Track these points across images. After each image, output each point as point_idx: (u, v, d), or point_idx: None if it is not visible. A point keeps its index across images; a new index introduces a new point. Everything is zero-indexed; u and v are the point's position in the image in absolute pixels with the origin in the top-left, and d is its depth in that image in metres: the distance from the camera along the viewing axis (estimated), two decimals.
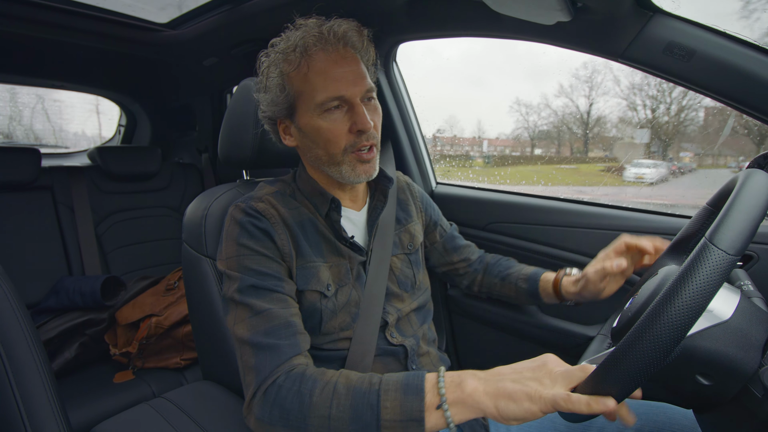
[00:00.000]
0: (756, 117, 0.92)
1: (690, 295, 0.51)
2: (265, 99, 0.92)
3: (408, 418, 0.67)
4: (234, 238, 0.87)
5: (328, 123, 0.86)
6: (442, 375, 0.70)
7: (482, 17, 1.20)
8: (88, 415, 1.47)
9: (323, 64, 0.85)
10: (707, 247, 0.53)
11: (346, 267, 0.95)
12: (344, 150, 0.88)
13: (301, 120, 0.89)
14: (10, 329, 0.87)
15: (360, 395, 0.70)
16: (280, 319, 0.81)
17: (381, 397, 0.69)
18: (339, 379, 0.73)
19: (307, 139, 0.91)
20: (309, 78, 0.86)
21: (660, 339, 0.51)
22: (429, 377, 0.71)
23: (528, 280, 1.15)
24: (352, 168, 0.90)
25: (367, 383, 0.72)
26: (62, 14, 1.55)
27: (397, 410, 0.68)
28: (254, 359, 0.78)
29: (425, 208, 1.20)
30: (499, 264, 1.23)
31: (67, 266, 2.00)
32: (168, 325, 1.69)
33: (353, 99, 0.86)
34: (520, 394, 0.63)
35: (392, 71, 1.66)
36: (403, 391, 0.69)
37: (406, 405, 0.68)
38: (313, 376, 0.74)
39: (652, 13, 0.96)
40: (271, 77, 0.89)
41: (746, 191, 0.60)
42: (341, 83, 0.85)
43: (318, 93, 0.85)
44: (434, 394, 0.68)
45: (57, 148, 3.09)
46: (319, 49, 0.86)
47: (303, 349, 0.81)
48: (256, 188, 0.99)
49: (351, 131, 0.87)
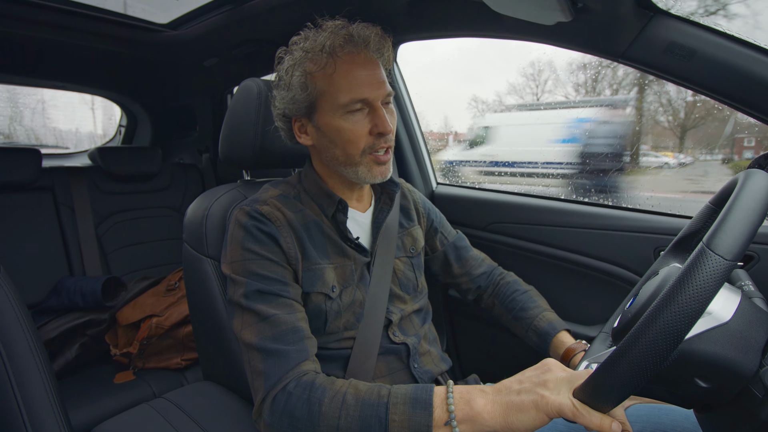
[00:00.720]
0: (757, 117, 0.92)
1: (686, 301, 0.50)
2: (283, 96, 0.92)
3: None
4: (239, 242, 0.87)
5: (349, 124, 0.88)
6: (451, 390, 0.70)
7: (483, 18, 1.20)
8: (89, 415, 1.47)
9: (349, 66, 0.87)
10: (705, 253, 0.52)
11: (350, 268, 0.96)
12: (363, 151, 0.89)
13: (321, 119, 0.90)
14: (11, 329, 0.87)
15: (368, 407, 0.70)
16: (287, 325, 0.81)
17: (389, 410, 0.69)
18: (348, 390, 0.74)
19: (325, 138, 0.91)
20: (334, 79, 0.87)
21: (656, 345, 0.51)
22: (437, 391, 0.71)
23: (539, 335, 1.10)
24: (368, 169, 0.91)
25: (376, 395, 0.72)
26: (63, 15, 1.55)
27: (405, 425, 0.68)
28: (263, 364, 0.78)
29: (427, 213, 1.20)
30: (514, 299, 1.18)
31: (68, 267, 2.00)
32: (169, 326, 1.69)
33: (375, 102, 0.88)
34: (527, 404, 0.63)
35: (393, 72, 1.66)
36: (411, 405, 0.69)
37: (414, 420, 0.68)
38: (322, 385, 0.75)
39: (652, 14, 0.96)
40: (295, 75, 0.89)
41: (745, 194, 0.60)
42: (365, 86, 0.87)
43: (342, 94, 0.86)
44: (443, 410, 0.68)
45: (57, 149, 3.09)
46: (346, 51, 0.87)
47: (311, 354, 0.82)
48: (261, 190, 0.99)
49: (371, 133, 0.88)
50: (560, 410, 0.60)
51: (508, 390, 0.68)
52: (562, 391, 0.63)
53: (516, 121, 3.13)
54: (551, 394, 0.62)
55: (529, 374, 0.68)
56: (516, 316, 1.16)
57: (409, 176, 1.75)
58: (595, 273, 1.34)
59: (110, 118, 3.03)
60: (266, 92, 1.09)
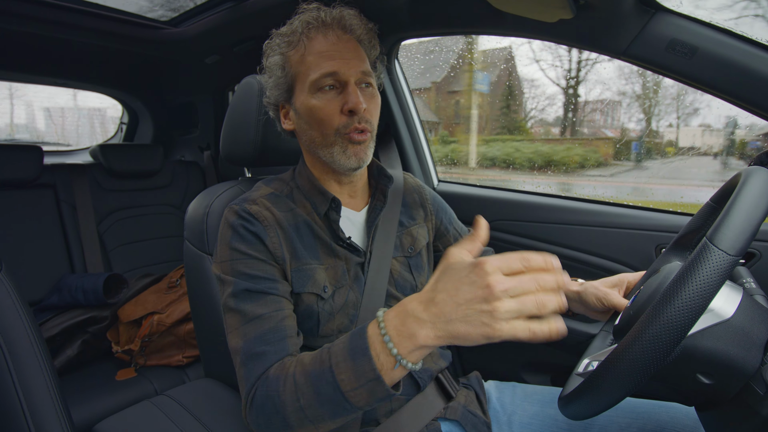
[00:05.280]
0: (758, 114, 0.92)
1: (690, 296, 0.50)
2: (269, 83, 0.94)
3: (366, 381, 0.64)
4: (227, 241, 0.87)
5: (321, 102, 0.87)
6: (384, 331, 0.63)
7: (484, 14, 1.19)
8: (91, 412, 1.47)
9: (320, 44, 0.87)
10: (708, 248, 0.52)
11: (342, 268, 0.93)
12: (336, 130, 0.88)
13: (297, 101, 0.90)
14: (13, 327, 0.88)
15: (317, 378, 0.68)
16: (270, 324, 0.81)
17: (335, 372, 0.66)
18: (296, 369, 0.72)
19: (302, 120, 0.91)
20: (305, 58, 0.87)
21: (659, 340, 0.51)
22: (372, 333, 0.65)
23: None
24: (342, 149, 0.89)
25: (319, 362, 0.69)
26: (64, 12, 1.56)
27: (353, 378, 0.65)
28: (243, 369, 0.78)
29: (437, 211, 1.16)
30: None
31: (70, 264, 2.01)
32: (170, 323, 1.69)
33: (347, 78, 0.86)
34: (475, 336, 0.56)
35: (394, 69, 1.65)
36: (351, 358, 0.66)
37: (358, 370, 0.65)
38: (275, 375, 0.74)
39: (654, 11, 0.96)
40: (273, 58, 0.91)
41: (748, 190, 0.60)
42: (335, 61, 0.86)
43: (312, 71, 0.86)
44: (386, 353, 0.63)
45: (59, 146, 3.09)
46: (318, 31, 0.88)
47: (291, 353, 0.80)
48: (253, 188, 0.98)
49: (343, 112, 0.87)
50: (515, 337, 0.54)
51: (447, 318, 0.58)
52: (513, 321, 0.54)
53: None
54: (504, 327, 0.54)
55: (467, 296, 0.56)
56: None
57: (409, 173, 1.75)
58: (597, 270, 1.34)
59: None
60: None
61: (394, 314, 0.64)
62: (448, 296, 0.58)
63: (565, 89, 3.65)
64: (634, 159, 3.21)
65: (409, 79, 1.75)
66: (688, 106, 2.91)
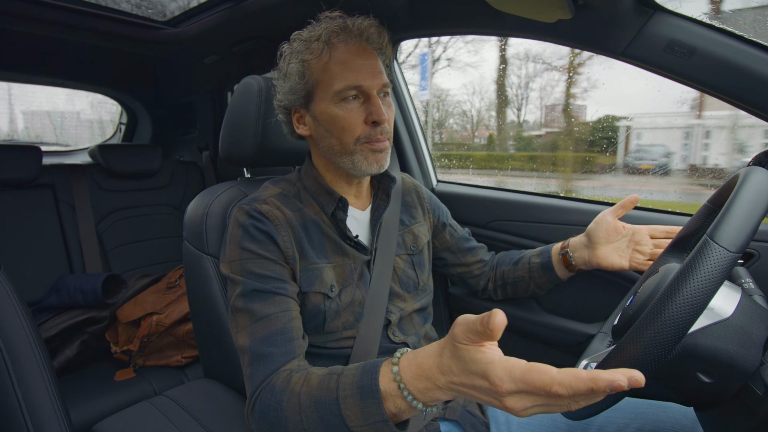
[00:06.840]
0: (757, 115, 0.92)
1: (691, 292, 0.51)
2: (283, 87, 0.93)
3: (373, 421, 0.64)
4: (237, 241, 0.88)
5: (344, 112, 0.88)
6: (399, 379, 0.63)
7: (483, 15, 1.19)
8: (90, 412, 1.47)
9: (344, 54, 0.87)
10: (708, 244, 0.53)
11: (350, 267, 0.95)
12: (357, 140, 0.89)
13: (317, 108, 0.91)
14: (12, 327, 0.88)
15: (322, 406, 0.68)
16: (278, 324, 0.81)
17: (341, 407, 0.66)
18: (302, 389, 0.71)
19: (321, 127, 0.91)
20: (329, 67, 0.87)
21: (661, 336, 0.51)
22: (383, 374, 0.65)
23: (541, 253, 1.19)
24: (364, 157, 0.90)
25: (326, 390, 0.69)
26: (63, 12, 1.55)
27: (360, 417, 0.65)
28: (250, 368, 0.79)
29: (433, 209, 1.20)
30: (510, 253, 1.26)
31: (68, 264, 2.01)
32: (169, 323, 1.69)
33: (370, 90, 0.88)
34: (487, 402, 0.57)
35: (393, 69, 1.65)
36: (360, 397, 0.65)
37: (366, 411, 0.65)
38: (281, 387, 0.73)
39: (652, 11, 0.96)
40: (292, 65, 0.90)
41: (747, 189, 0.60)
42: (360, 74, 0.87)
43: (337, 81, 0.87)
44: (401, 398, 0.63)
45: (58, 146, 3.09)
46: (341, 40, 0.88)
47: (297, 355, 0.81)
48: (261, 188, 0.99)
49: (366, 122, 0.88)
50: (522, 415, 0.55)
51: (460, 385, 0.59)
52: (520, 402, 0.54)
53: None
54: (512, 405, 0.54)
55: (485, 399, 0.57)
56: (515, 261, 1.23)
57: (409, 174, 1.75)
58: (595, 271, 1.34)
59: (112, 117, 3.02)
60: (266, 90, 1.09)
61: (410, 367, 0.63)
62: (464, 379, 0.58)
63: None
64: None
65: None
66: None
